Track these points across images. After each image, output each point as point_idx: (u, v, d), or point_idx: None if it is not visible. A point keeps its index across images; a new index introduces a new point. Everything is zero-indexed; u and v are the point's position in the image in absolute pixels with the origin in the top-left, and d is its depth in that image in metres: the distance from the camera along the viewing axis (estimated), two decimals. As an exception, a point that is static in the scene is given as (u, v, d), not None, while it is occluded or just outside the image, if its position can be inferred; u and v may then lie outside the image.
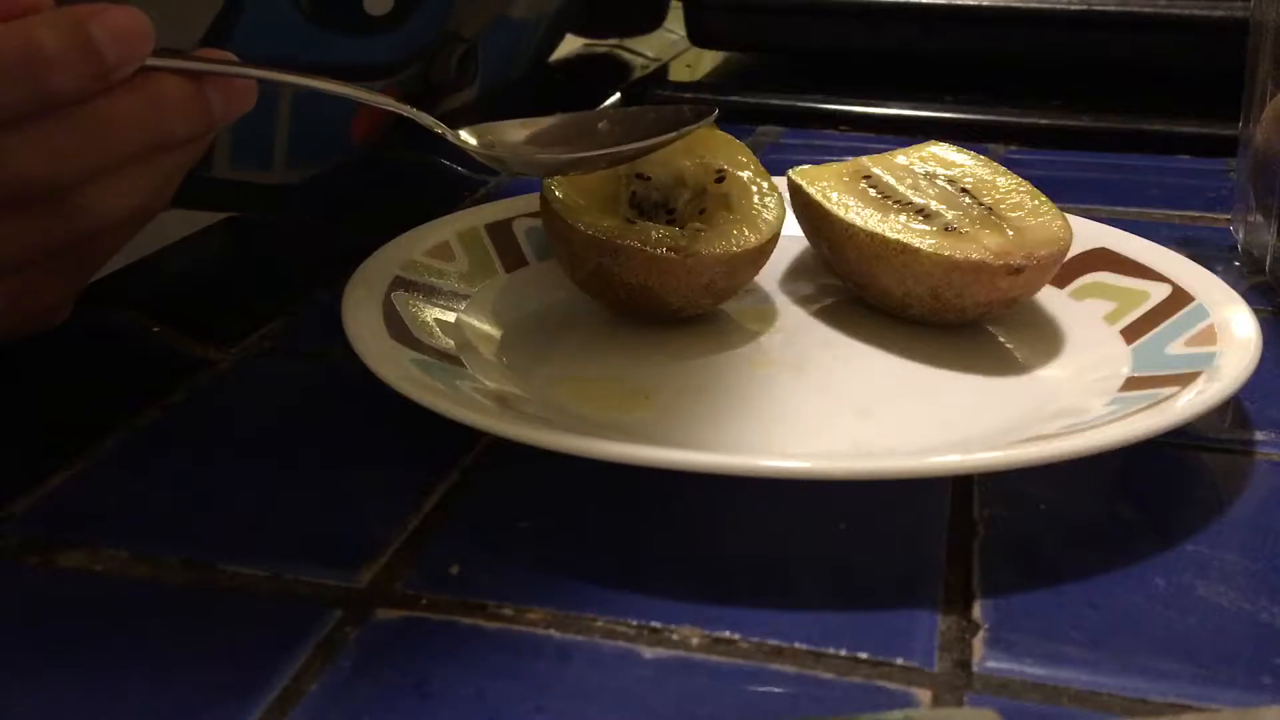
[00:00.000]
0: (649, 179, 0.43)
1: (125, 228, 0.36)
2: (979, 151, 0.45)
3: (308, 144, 0.59)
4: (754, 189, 0.43)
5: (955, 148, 0.45)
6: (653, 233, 0.39)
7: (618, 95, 0.75)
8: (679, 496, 0.32)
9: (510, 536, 0.30)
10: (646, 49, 0.90)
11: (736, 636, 0.27)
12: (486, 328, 0.40)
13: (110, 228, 0.35)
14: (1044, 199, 0.41)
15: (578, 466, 0.30)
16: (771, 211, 0.42)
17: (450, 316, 0.40)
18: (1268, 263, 0.46)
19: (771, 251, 0.41)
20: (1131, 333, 0.39)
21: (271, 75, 0.36)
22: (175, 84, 0.33)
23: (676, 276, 0.39)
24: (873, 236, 0.40)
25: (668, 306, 0.40)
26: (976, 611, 0.28)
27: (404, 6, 0.57)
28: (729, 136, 0.45)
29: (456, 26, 0.63)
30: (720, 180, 0.43)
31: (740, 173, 0.43)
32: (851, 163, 0.45)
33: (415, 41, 0.59)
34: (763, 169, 0.44)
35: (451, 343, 0.38)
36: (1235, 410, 0.36)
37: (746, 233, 0.40)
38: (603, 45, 0.91)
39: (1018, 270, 0.38)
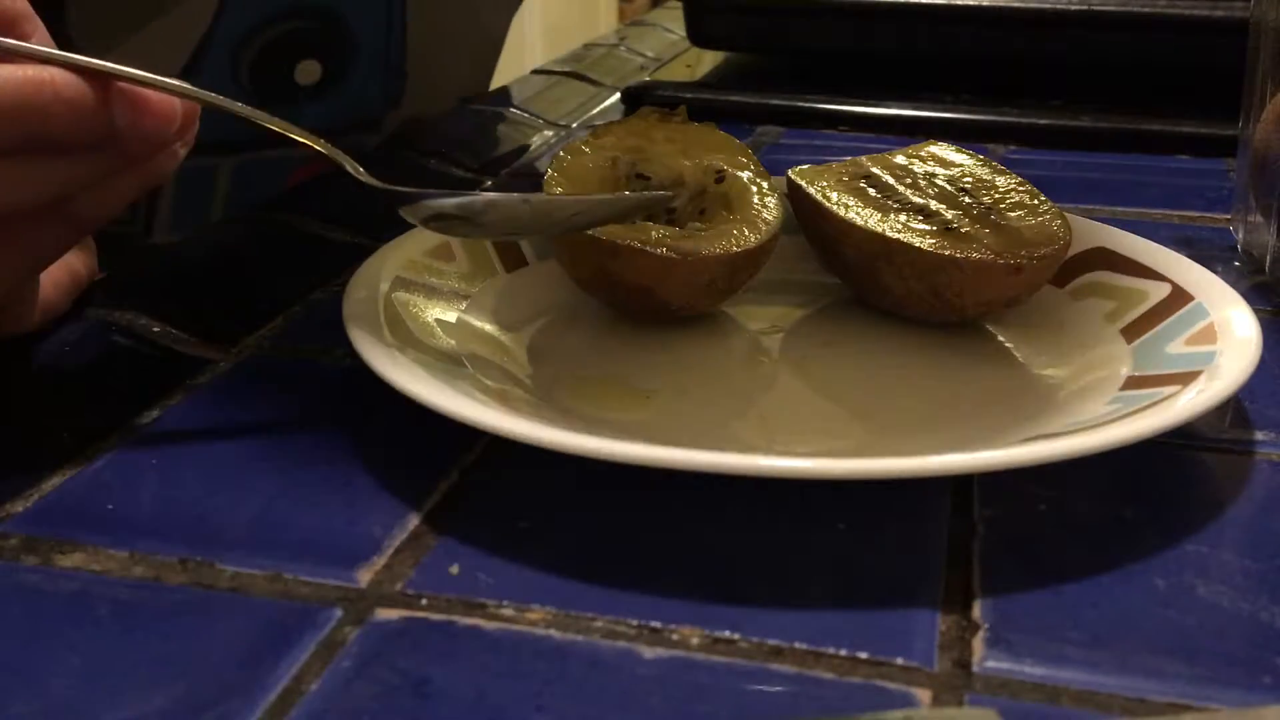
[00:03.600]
0: (649, 179, 0.43)
1: (46, 235, 0.35)
2: (979, 151, 0.45)
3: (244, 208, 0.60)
4: (754, 189, 0.42)
5: (955, 148, 0.45)
6: (653, 233, 0.39)
7: (617, 95, 0.75)
8: (679, 496, 0.32)
9: (510, 536, 0.30)
10: (646, 49, 0.90)
11: (736, 636, 0.27)
12: (487, 328, 0.40)
13: (13, 225, 0.33)
14: (1044, 199, 0.41)
15: (578, 466, 0.30)
16: (771, 211, 0.42)
17: (451, 316, 0.40)
18: (1268, 263, 0.46)
19: (772, 251, 0.41)
20: (1131, 332, 0.39)
21: (189, 92, 0.34)
22: (63, 77, 0.32)
23: (676, 276, 0.39)
24: (872, 236, 0.39)
25: (668, 306, 0.40)
26: (976, 611, 0.28)
27: (330, 78, 0.60)
28: (729, 136, 0.45)
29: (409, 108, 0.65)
30: (720, 180, 0.43)
31: (740, 173, 0.43)
32: (851, 163, 0.45)
33: (343, 112, 0.62)
34: (763, 169, 0.44)
35: (452, 343, 0.38)
36: (1235, 410, 0.36)
37: (746, 233, 0.40)
38: (602, 45, 0.91)
39: (1018, 269, 0.38)
